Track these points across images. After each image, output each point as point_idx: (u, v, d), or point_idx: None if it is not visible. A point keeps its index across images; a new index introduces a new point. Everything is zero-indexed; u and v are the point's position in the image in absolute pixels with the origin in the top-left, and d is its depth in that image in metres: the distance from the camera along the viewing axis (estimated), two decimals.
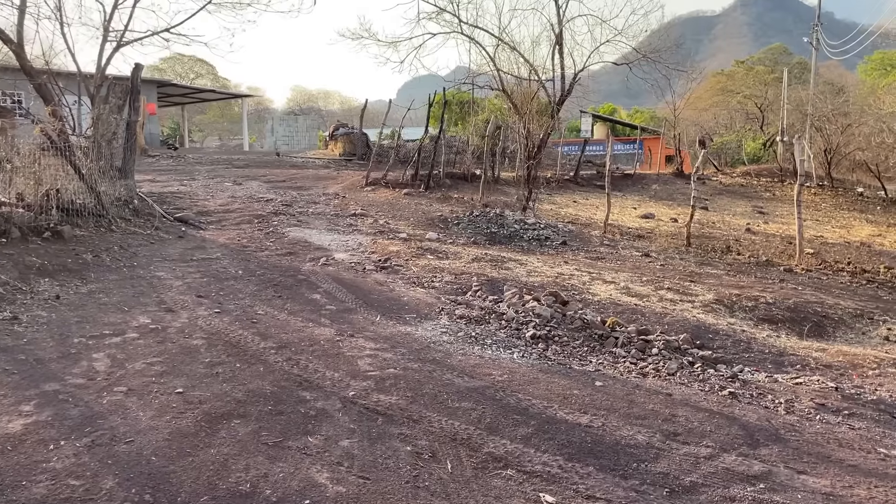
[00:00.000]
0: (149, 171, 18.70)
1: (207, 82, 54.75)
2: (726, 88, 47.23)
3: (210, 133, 65.63)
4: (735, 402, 5.32)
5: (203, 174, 19.18)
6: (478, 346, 6.14)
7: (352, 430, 4.14)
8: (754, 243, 14.17)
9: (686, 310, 8.18)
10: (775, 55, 57.45)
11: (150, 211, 11.15)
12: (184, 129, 46.57)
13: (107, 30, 12.57)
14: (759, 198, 24.12)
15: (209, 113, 63.34)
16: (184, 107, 45.26)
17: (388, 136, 26.11)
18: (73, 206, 9.02)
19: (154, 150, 27.70)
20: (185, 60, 58.73)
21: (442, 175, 19.71)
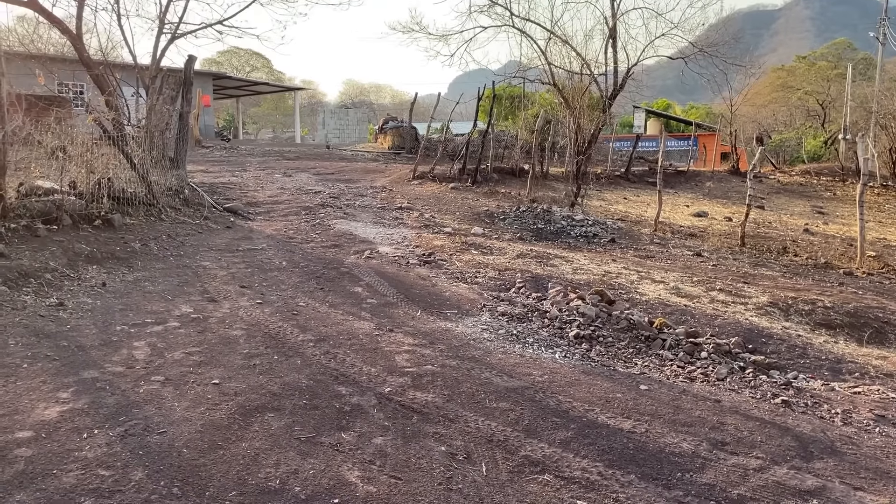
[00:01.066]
0: (202, 161, 19.02)
1: (262, 75, 55.61)
2: (786, 84, 45.79)
3: (264, 125, 66.69)
4: (788, 410, 5.06)
5: (254, 165, 19.43)
6: (519, 345, 6.00)
7: (386, 428, 4.06)
8: (812, 244, 13.63)
9: (738, 312, 7.87)
10: (839, 50, 55.36)
11: (199, 201, 11.30)
12: (238, 121, 47.39)
13: (162, 22, 12.77)
14: (818, 197, 23.25)
15: (263, 105, 64.31)
16: (238, 99, 46.04)
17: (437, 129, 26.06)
18: (124, 194, 9.19)
19: (208, 141, 28.23)
20: (241, 54, 59.72)
21: (489, 169, 19.54)
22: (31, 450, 3.42)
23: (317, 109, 57.85)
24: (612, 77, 18.87)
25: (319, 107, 61.27)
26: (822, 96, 37.12)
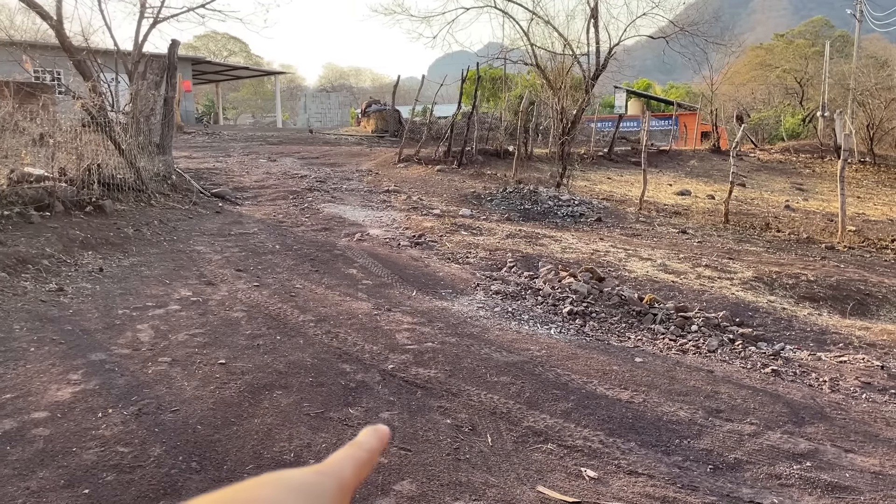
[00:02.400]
0: (185, 147, 18.89)
1: (241, 60, 54.98)
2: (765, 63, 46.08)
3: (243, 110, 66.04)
4: (778, 379, 5.24)
5: (238, 151, 19.33)
6: (514, 322, 6.12)
7: (391, 403, 4.16)
8: (794, 220, 13.88)
9: (725, 287, 8.05)
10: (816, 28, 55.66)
11: (187, 186, 11.28)
12: (218, 106, 46.90)
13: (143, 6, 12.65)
14: (798, 174, 23.57)
15: (242, 90, 63.66)
16: (218, 84, 45.52)
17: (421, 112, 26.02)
18: (113, 180, 9.16)
19: (190, 127, 27.98)
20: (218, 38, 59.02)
21: (474, 151, 19.59)
22: (48, 429, 3.49)
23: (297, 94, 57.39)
24: (594, 57, 18.94)
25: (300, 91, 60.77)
26: (800, 74, 37.46)
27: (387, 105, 30.01)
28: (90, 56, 11.47)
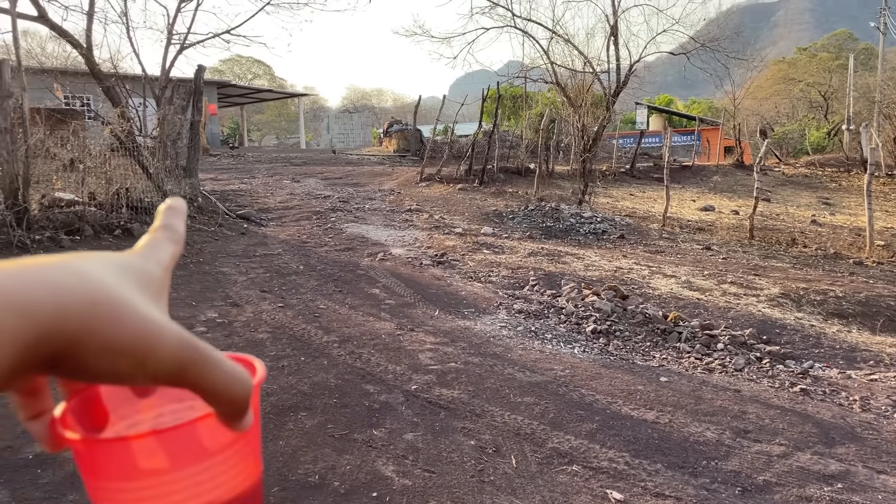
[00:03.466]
0: (210, 169, 19.18)
1: (265, 82, 55.81)
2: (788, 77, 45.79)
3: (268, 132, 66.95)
4: (807, 398, 5.16)
5: (262, 172, 19.58)
6: (538, 341, 6.10)
7: (415, 424, 4.16)
8: (821, 235, 13.71)
9: (751, 304, 7.97)
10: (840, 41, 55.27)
11: (213, 208, 11.44)
12: (243, 128, 47.60)
13: (170, 33, 12.93)
14: (824, 188, 23.30)
15: (267, 112, 64.59)
16: (243, 107, 46.25)
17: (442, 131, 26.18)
18: (141, 204, 9.33)
19: (215, 149, 28.41)
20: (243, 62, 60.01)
21: (496, 169, 19.66)
22: None
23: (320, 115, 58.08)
24: (614, 74, 18.98)
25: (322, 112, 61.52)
26: (824, 87, 37.17)
27: (408, 125, 30.26)
28: (119, 82, 11.72)
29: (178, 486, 0.44)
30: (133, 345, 0.36)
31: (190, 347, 0.39)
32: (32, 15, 10.56)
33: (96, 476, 0.44)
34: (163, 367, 0.38)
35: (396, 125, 31.42)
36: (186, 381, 0.39)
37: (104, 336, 0.35)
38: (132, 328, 0.37)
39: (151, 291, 0.42)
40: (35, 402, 0.43)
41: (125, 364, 0.36)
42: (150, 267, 0.44)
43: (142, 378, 0.38)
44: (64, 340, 0.34)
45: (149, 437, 0.43)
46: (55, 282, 0.35)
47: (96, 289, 0.36)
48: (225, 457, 0.46)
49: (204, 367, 0.40)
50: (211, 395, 0.41)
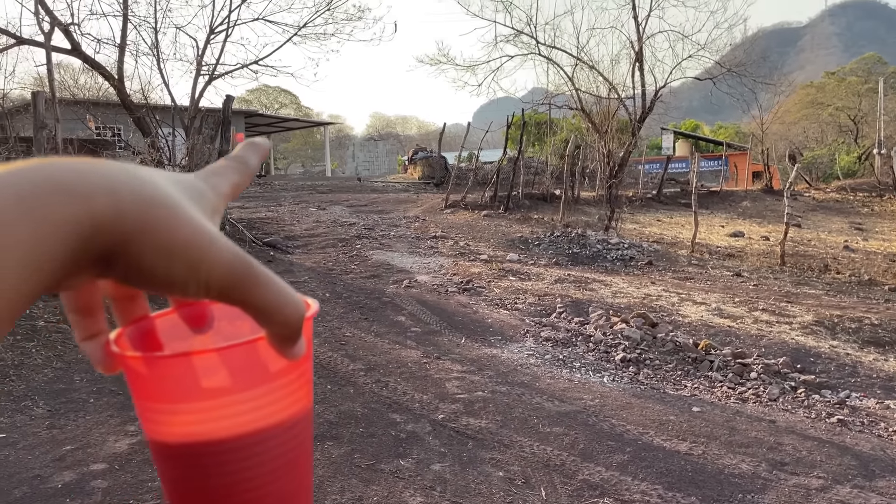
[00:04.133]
0: (238, 198, 19.36)
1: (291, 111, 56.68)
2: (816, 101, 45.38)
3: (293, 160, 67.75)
4: (845, 430, 5.00)
5: (288, 200, 19.76)
6: (566, 370, 6.01)
7: (443, 454, 4.10)
8: (854, 261, 13.43)
9: (784, 332, 7.79)
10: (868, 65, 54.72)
11: (240, 236, 11.54)
12: (269, 157, 48.26)
13: (199, 64, 13.20)
14: (856, 213, 22.91)
15: (293, 141, 65.41)
16: (269, 136, 46.92)
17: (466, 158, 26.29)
18: None
19: None
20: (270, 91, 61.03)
21: (521, 196, 19.64)
22: (106, 481, 3.54)
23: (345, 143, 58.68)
24: (639, 100, 18.96)
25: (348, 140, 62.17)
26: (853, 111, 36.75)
27: (433, 152, 30.42)
28: (149, 113, 11.97)
29: (240, 409, 0.43)
30: (188, 247, 0.36)
31: (243, 260, 0.38)
32: (66, 48, 10.87)
33: (154, 398, 0.43)
34: (216, 275, 0.37)
35: (421, 152, 31.62)
36: (239, 294, 0.38)
37: (159, 235, 0.35)
38: (187, 230, 0.36)
39: (204, 208, 0.41)
40: (90, 322, 0.43)
41: (179, 267, 0.36)
42: (203, 188, 0.43)
43: (194, 285, 0.37)
44: (118, 235, 0.34)
45: (211, 354, 0.42)
46: (111, 176, 0.35)
47: (151, 190, 0.36)
48: (284, 381, 0.45)
49: (257, 281, 0.38)
50: (264, 312, 0.39)
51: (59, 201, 0.32)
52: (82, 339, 0.44)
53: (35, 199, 0.31)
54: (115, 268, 0.35)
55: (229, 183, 0.46)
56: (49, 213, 0.32)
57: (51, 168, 0.33)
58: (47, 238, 0.31)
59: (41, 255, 0.31)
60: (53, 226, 0.32)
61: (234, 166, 0.48)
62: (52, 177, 0.33)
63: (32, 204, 0.31)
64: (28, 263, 0.31)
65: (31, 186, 0.32)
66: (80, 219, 0.33)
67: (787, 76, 34.65)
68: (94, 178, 0.34)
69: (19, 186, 0.31)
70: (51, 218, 0.32)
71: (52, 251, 0.32)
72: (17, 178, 0.32)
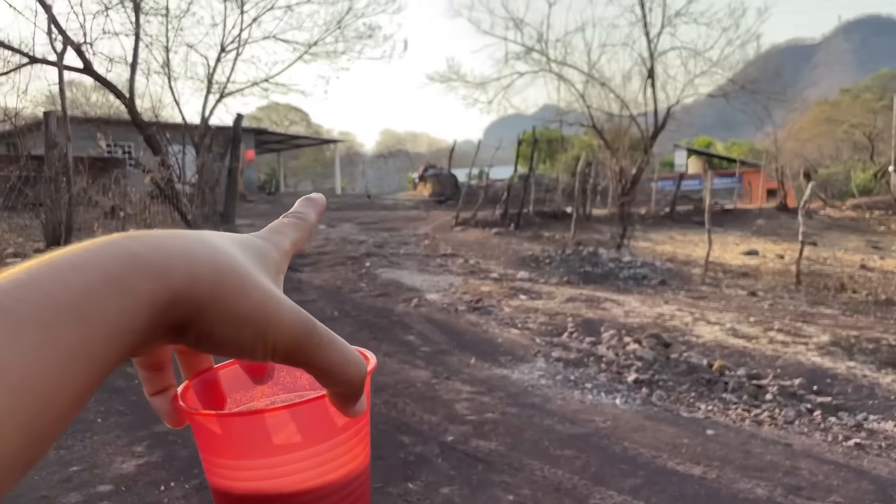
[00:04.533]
0: (248, 215, 19.47)
1: (301, 129, 57.02)
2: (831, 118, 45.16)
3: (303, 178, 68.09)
4: (862, 453, 4.88)
5: None
6: (577, 391, 5.93)
7: (452, 477, 4.03)
8: (871, 281, 13.26)
9: (800, 352, 7.66)
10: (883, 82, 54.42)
11: None
12: (280, 174, 48.50)
13: (210, 82, 13.31)
14: (872, 232, 22.68)
15: (302, 158, 65.77)
16: (279, 153, 47.19)
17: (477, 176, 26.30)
18: None
19: (252, 195, 28.94)
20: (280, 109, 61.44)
21: (532, 213, 19.59)
22: (113, 503, 3.49)
23: (355, 160, 58.94)
24: (651, 117, 18.94)
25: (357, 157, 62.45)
26: (868, 129, 36.51)
27: (443, 169, 30.49)
28: (160, 130, 12.04)
29: (306, 464, 0.44)
30: (256, 314, 0.37)
31: (308, 324, 0.40)
32: (78, 67, 10.97)
33: (223, 454, 0.44)
34: (282, 339, 0.38)
35: (431, 170, 31.71)
36: (303, 357, 0.39)
37: (230, 303, 0.36)
38: (256, 298, 0.37)
39: (269, 270, 0.42)
40: (160, 378, 0.46)
41: (248, 334, 0.37)
42: (268, 248, 0.45)
43: (262, 350, 0.38)
44: (193, 306, 0.35)
45: (282, 411, 0.43)
46: (186, 249, 0.36)
47: (223, 259, 0.38)
48: (347, 436, 0.46)
49: (321, 342, 0.40)
50: (327, 373, 0.41)
51: (141, 277, 0.33)
52: (151, 394, 0.46)
53: (119, 276, 0.33)
54: (188, 335, 0.37)
55: (290, 240, 0.49)
56: (131, 289, 0.33)
57: (131, 243, 0.35)
58: (131, 313, 0.33)
59: (124, 329, 0.33)
60: (136, 301, 0.33)
61: (294, 223, 0.50)
62: (133, 252, 0.34)
63: (117, 281, 0.33)
64: (113, 337, 0.32)
65: (116, 263, 0.33)
66: (160, 292, 0.34)
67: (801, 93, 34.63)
68: (172, 251, 0.36)
69: (105, 263, 0.33)
70: (133, 294, 0.33)
71: (133, 324, 0.33)
72: (101, 254, 0.33)
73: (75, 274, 0.31)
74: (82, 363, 0.31)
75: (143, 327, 0.34)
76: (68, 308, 0.30)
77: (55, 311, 0.30)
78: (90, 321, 0.31)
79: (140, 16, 11.97)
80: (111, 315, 0.32)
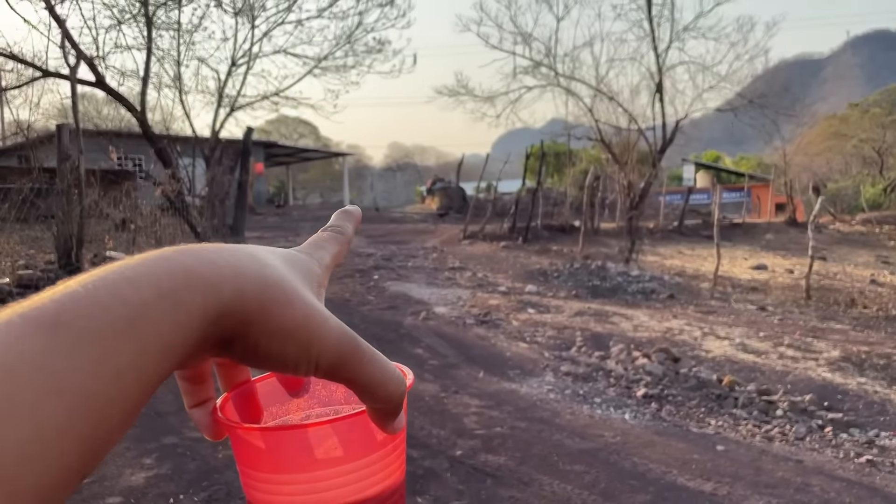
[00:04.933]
0: (257, 227, 19.54)
1: (310, 142, 57.37)
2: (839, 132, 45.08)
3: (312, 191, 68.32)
4: (874, 470, 4.83)
5: (307, 230, 19.82)
6: (586, 405, 5.90)
7: (460, 492, 4.01)
8: (881, 296, 13.17)
9: (810, 368, 7.61)
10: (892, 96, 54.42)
11: None
12: (288, 187, 48.71)
13: (221, 96, 13.41)
14: (882, 247, 22.55)
15: (311, 171, 66.04)
16: (289, 166, 47.42)
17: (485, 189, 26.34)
18: None
19: (261, 208, 29.06)
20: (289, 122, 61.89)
21: (540, 227, 19.58)
22: None
23: (363, 173, 59.10)
24: (660, 131, 18.95)
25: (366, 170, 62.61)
26: (878, 143, 36.42)
27: (451, 182, 30.55)
28: (170, 143, 12.13)
29: (347, 479, 0.44)
30: (301, 329, 0.38)
31: (350, 339, 0.40)
32: (91, 80, 11.08)
33: (264, 468, 0.44)
34: (325, 354, 0.39)
35: (440, 183, 31.78)
36: (345, 373, 0.40)
37: (276, 318, 0.37)
38: (301, 313, 0.38)
39: (312, 285, 0.43)
40: (200, 390, 0.46)
41: (292, 348, 0.38)
42: (310, 263, 0.46)
43: (305, 365, 0.39)
44: (241, 319, 0.36)
45: (325, 426, 0.43)
46: (235, 263, 0.37)
47: (270, 273, 0.38)
48: (387, 451, 0.46)
49: (363, 359, 0.40)
50: (367, 389, 0.41)
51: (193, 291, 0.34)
52: (191, 406, 0.47)
53: (172, 290, 0.33)
54: (234, 348, 0.37)
55: (331, 254, 0.50)
56: (183, 303, 0.33)
57: (182, 257, 0.35)
58: (183, 326, 0.33)
59: (176, 342, 0.33)
60: (188, 315, 0.34)
61: (333, 237, 0.51)
62: (185, 267, 0.35)
63: (170, 295, 0.33)
64: (165, 350, 0.33)
65: (169, 277, 0.34)
66: (211, 305, 0.35)
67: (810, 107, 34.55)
68: (223, 265, 0.36)
69: (158, 277, 0.33)
70: (185, 308, 0.33)
71: (185, 338, 0.34)
72: (155, 269, 0.34)
73: (130, 288, 0.32)
74: (136, 377, 0.31)
75: (194, 341, 0.34)
76: (124, 323, 0.31)
77: (112, 326, 0.30)
78: (144, 335, 0.31)
79: (152, 30, 12.10)
80: (164, 329, 0.32)
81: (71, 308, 0.30)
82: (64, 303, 0.30)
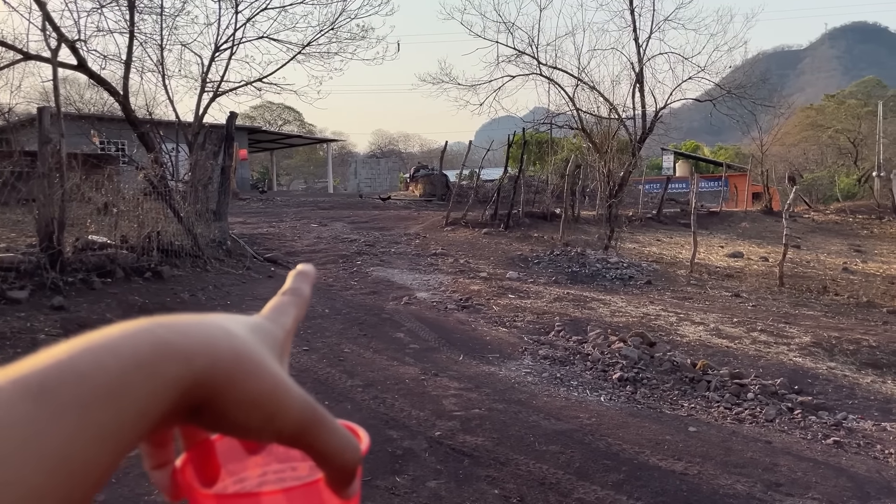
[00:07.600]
0: (240, 213, 19.48)
1: (294, 128, 56.87)
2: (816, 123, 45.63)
3: (296, 177, 67.91)
4: (841, 451, 5.01)
5: (290, 216, 19.83)
6: (563, 388, 6.04)
7: (438, 471, 4.12)
8: (853, 283, 13.46)
9: (781, 353, 7.82)
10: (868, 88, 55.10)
11: (241, 252, 11.60)
12: (272, 173, 48.43)
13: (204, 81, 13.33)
14: (855, 235, 22.96)
15: (295, 157, 65.61)
16: (272, 152, 47.12)
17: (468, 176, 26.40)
18: (171, 247, 9.49)
19: (245, 193, 28.91)
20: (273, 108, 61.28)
21: (521, 214, 19.69)
22: (103, 494, 3.56)
23: (347, 160, 58.83)
24: (640, 120, 19.10)
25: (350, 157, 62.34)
26: (853, 134, 36.95)
27: (434, 169, 30.56)
28: (153, 128, 12.07)
29: None
30: (267, 399, 0.39)
31: (312, 409, 0.41)
32: (72, 64, 10.97)
33: None
34: (288, 424, 0.40)
35: (423, 170, 31.77)
36: (305, 441, 0.41)
37: (244, 388, 0.38)
38: (268, 383, 0.39)
39: (276, 353, 0.44)
40: (161, 453, 0.46)
41: (257, 417, 0.39)
42: (274, 330, 0.47)
43: (268, 433, 0.40)
44: (211, 389, 0.38)
45: (279, 495, 0.44)
46: (207, 335, 0.38)
47: (240, 344, 0.40)
48: None
49: (322, 429, 0.42)
50: (325, 457, 0.42)
51: (168, 362, 0.36)
52: (151, 468, 0.46)
53: (151, 361, 0.35)
54: (202, 417, 0.39)
55: (292, 318, 0.50)
56: (160, 373, 0.35)
57: (159, 330, 0.37)
58: (159, 394, 0.35)
59: (151, 409, 0.35)
60: (164, 385, 0.35)
61: (292, 301, 0.52)
62: (161, 339, 0.36)
63: (148, 366, 0.35)
64: (141, 417, 0.35)
65: (148, 348, 0.35)
66: (184, 376, 0.36)
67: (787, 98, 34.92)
68: (194, 337, 0.38)
69: (137, 348, 0.35)
70: (161, 377, 0.35)
71: (159, 405, 0.36)
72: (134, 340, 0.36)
73: (111, 358, 0.34)
74: (113, 441, 0.33)
75: (167, 408, 0.36)
76: (104, 391, 0.33)
77: (93, 393, 0.33)
78: (122, 402, 0.34)
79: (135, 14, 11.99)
80: (141, 396, 0.35)
81: (55, 376, 0.33)
82: (48, 371, 0.33)
